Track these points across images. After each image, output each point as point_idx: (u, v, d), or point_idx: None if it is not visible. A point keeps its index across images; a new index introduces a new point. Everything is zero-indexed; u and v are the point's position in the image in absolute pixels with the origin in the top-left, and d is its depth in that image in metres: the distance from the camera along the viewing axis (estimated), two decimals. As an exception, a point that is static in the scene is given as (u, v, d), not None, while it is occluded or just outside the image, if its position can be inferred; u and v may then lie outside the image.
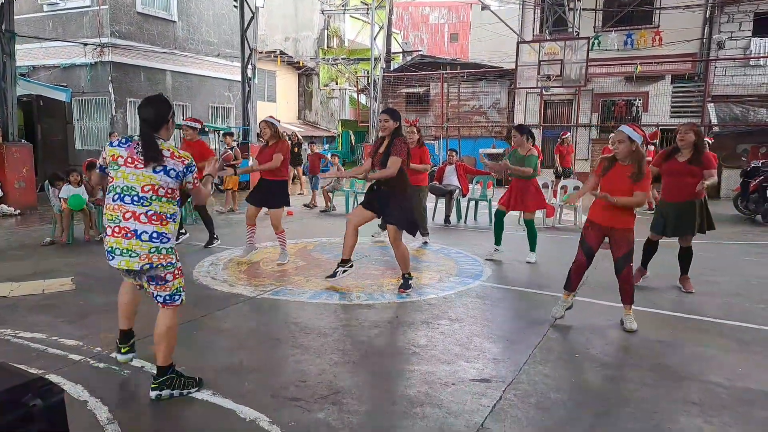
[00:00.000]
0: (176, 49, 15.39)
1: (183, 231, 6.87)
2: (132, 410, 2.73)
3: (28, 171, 9.83)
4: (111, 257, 2.69)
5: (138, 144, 2.71)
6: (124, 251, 2.63)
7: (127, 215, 2.64)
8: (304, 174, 14.04)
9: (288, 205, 5.88)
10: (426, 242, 6.96)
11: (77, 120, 14.38)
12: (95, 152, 12.72)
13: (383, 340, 3.72)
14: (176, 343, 2.88)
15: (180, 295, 2.82)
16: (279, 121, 5.89)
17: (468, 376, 3.11)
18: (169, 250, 2.72)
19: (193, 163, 2.82)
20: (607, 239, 3.94)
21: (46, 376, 2.91)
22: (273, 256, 6.02)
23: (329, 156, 12.75)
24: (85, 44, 13.58)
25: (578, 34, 15.46)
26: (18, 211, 9.37)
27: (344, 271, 4.85)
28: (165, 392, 2.79)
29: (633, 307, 3.96)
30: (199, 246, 6.64)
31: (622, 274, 3.85)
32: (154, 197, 2.67)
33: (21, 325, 3.83)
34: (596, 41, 15.86)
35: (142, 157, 2.67)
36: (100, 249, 6.47)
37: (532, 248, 6.09)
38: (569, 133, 12.74)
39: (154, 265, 2.67)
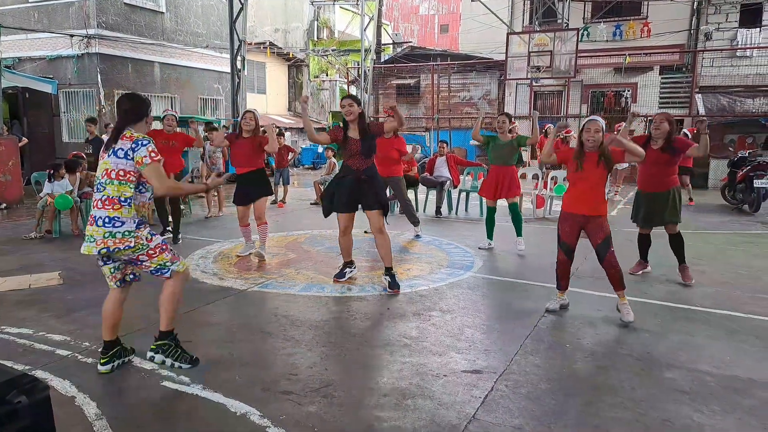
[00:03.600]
0: (164, 41, 15.20)
1: (169, 230, 6.75)
2: (120, 405, 2.70)
3: (14, 164, 9.69)
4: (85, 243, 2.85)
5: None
6: (88, 237, 2.80)
7: (93, 204, 2.83)
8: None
9: (271, 194, 5.88)
10: (418, 235, 6.94)
11: (64, 112, 14.19)
12: (82, 145, 12.55)
13: (374, 332, 3.71)
14: (176, 312, 3.00)
15: (167, 268, 2.90)
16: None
17: (459, 368, 3.11)
18: (125, 233, 2.76)
19: (144, 139, 2.78)
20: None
21: (33, 372, 2.89)
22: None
23: (320, 149, 12.65)
24: (72, 35, 13.37)
25: (567, 25, 15.49)
26: (4, 205, 9.24)
27: (351, 272, 4.93)
28: (158, 357, 2.93)
29: (626, 296, 3.97)
30: (188, 240, 6.59)
31: (605, 261, 3.86)
32: (107, 181, 2.78)
33: (7, 321, 3.78)
34: (585, 32, 15.89)
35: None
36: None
37: (519, 233, 6.12)
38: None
39: (111, 249, 2.75)
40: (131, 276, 3.03)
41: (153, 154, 2.77)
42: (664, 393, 2.85)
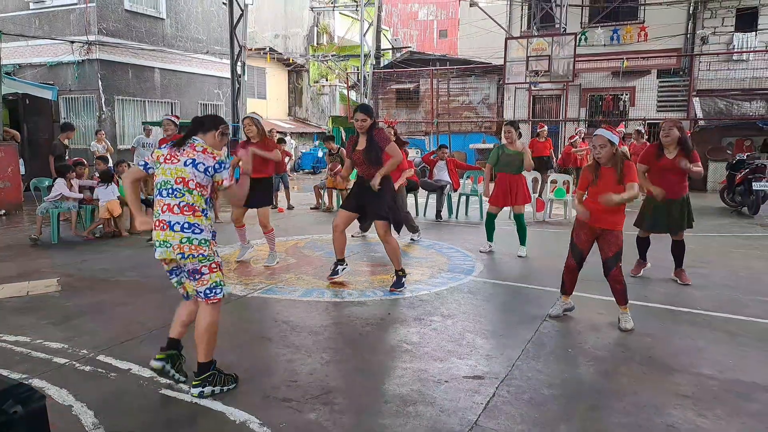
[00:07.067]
0: (165, 47, 15.23)
1: None
2: (118, 414, 2.67)
3: (13, 171, 9.67)
4: (156, 249, 2.78)
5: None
6: (162, 242, 2.74)
7: (164, 208, 2.76)
8: None
9: (271, 203, 5.87)
10: (413, 239, 6.94)
11: (64, 118, 14.17)
12: (82, 151, 12.55)
13: (375, 337, 3.69)
14: (216, 339, 2.85)
15: (220, 288, 2.84)
16: (261, 117, 5.82)
17: (461, 373, 3.09)
18: (202, 241, 2.76)
19: (226, 161, 2.86)
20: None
21: (30, 381, 2.86)
22: (264, 254, 5.96)
23: (320, 154, 12.60)
24: (72, 42, 13.39)
25: (565, 29, 15.50)
26: (3, 211, 9.22)
27: (344, 269, 4.94)
28: (207, 389, 2.79)
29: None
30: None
31: (611, 275, 3.82)
32: (185, 189, 2.76)
33: (4, 328, 3.75)
34: (583, 37, 15.91)
35: (177, 153, 2.79)
36: (86, 249, 6.45)
37: (522, 242, 6.13)
38: (546, 127, 12.42)
39: (185, 255, 2.72)
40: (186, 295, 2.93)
41: (230, 179, 2.89)
42: (668, 397, 2.82)
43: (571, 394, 2.88)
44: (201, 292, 2.80)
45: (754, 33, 14.68)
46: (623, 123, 13.39)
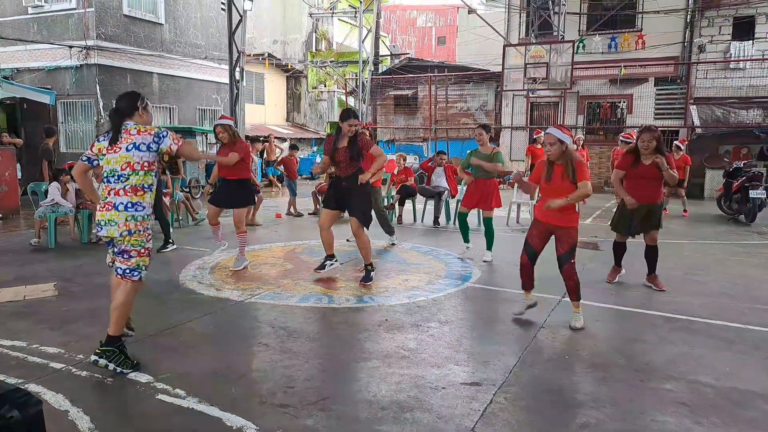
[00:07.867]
0: (163, 52, 15.25)
1: (171, 241, 6.68)
2: (115, 419, 2.67)
3: (10, 175, 9.66)
4: (99, 228, 3.11)
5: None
6: (108, 222, 3.05)
7: (111, 192, 3.06)
8: (279, 182, 13.88)
9: (252, 203, 5.93)
10: (393, 243, 6.98)
11: (62, 123, 14.18)
12: (80, 155, 12.54)
13: (372, 343, 3.68)
14: (127, 317, 3.23)
15: (139, 272, 3.13)
16: (234, 121, 5.78)
17: (458, 380, 3.09)
18: (145, 217, 3.09)
19: (163, 130, 3.12)
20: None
21: (26, 386, 2.86)
22: (261, 259, 5.96)
23: (318, 160, 12.58)
24: (71, 47, 13.41)
25: (563, 37, 15.59)
26: (0, 215, 9.20)
27: (331, 265, 5.24)
28: (102, 361, 3.04)
29: (624, 307, 3.98)
30: (186, 251, 6.57)
31: (564, 270, 3.93)
32: (131, 173, 3.05)
33: (1, 333, 3.74)
34: (581, 44, 16.02)
35: (117, 143, 3.08)
36: (84, 254, 6.43)
37: (489, 247, 6.21)
38: (542, 133, 12.54)
39: (132, 231, 3.02)
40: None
41: (176, 140, 3.15)
42: (664, 405, 2.83)
43: (567, 400, 2.88)
44: (120, 269, 3.11)
45: (750, 41, 14.80)
46: (634, 131, 13.51)
